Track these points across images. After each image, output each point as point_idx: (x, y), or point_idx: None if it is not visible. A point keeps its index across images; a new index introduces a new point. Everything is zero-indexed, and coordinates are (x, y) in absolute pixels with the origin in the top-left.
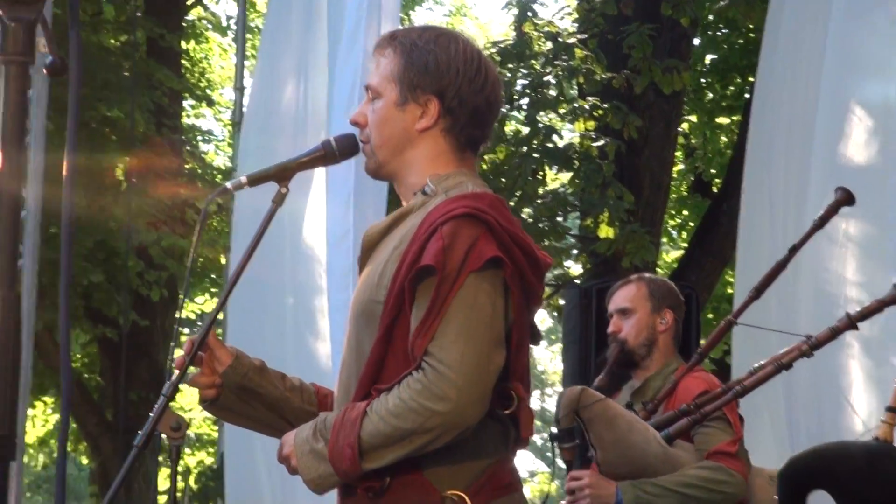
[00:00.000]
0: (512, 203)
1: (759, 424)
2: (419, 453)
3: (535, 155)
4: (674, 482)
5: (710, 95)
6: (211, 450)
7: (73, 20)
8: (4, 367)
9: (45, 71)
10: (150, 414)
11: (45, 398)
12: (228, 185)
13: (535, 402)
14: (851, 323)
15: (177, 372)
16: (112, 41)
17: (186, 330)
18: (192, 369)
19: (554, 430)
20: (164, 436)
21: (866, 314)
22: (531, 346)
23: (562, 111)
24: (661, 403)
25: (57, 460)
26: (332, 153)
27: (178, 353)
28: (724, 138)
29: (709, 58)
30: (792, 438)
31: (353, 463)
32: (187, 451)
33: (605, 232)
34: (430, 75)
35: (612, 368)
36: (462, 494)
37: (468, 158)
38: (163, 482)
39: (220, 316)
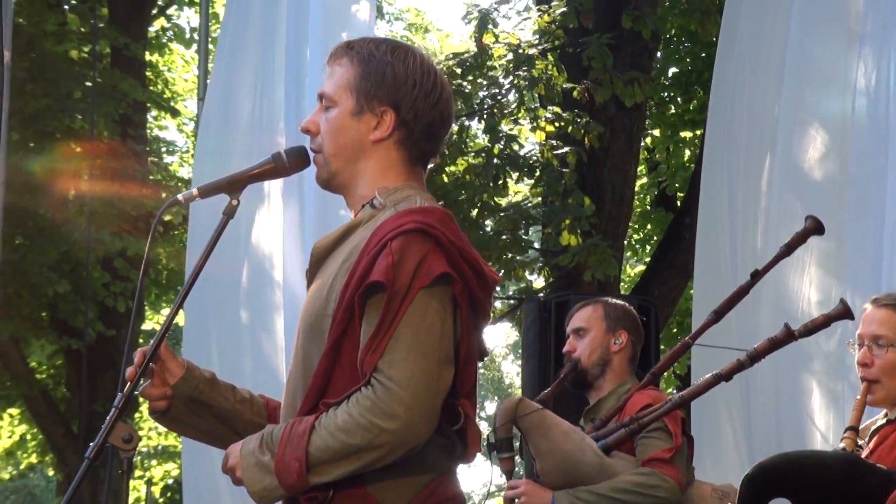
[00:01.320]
0: (473, 215)
1: (721, 440)
2: (368, 469)
3: (497, 162)
4: (607, 487)
5: (673, 109)
6: (178, 461)
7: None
8: None
9: None
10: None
11: (12, 410)
12: (180, 196)
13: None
14: (790, 334)
15: (129, 384)
16: (76, 52)
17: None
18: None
19: (492, 440)
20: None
21: (812, 329)
22: (479, 362)
23: (522, 120)
24: (610, 421)
25: None
26: (283, 165)
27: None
28: (687, 152)
29: (671, 71)
30: (752, 452)
31: (300, 477)
32: (153, 462)
33: (567, 240)
34: (388, 86)
35: (560, 384)
36: None
37: (418, 172)
38: (131, 494)
39: (181, 324)
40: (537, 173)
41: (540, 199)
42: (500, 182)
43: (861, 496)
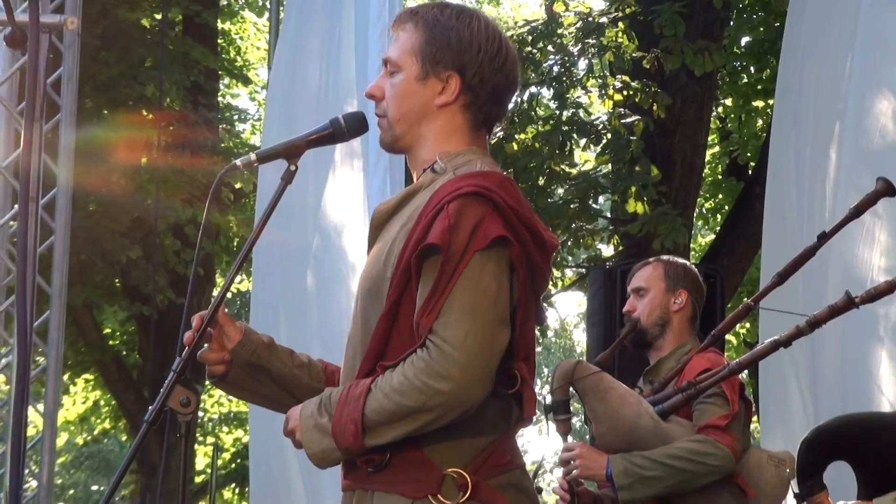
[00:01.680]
0: (541, 183)
1: (789, 407)
2: (422, 432)
3: (565, 128)
4: (661, 454)
5: (746, 78)
6: (247, 428)
7: None
8: None
9: (3, 41)
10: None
11: (86, 376)
12: (238, 162)
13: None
14: (851, 301)
15: (187, 348)
16: (148, 20)
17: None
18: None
19: (548, 401)
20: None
21: (874, 295)
22: (539, 326)
23: (591, 87)
24: (669, 383)
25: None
26: (341, 131)
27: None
28: (759, 121)
29: (744, 40)
30: (819, 419)
31: (356, 439)
32: (224, 430)
33: (634, 207)
34: (453, 51)
35: (620, 345)
36: (462, 472)
37: (481, 137)
38: (201, 461)
39: (249, 289)
40: (605, 140)
41: (609, 167)
42: (567, 150)
43: None
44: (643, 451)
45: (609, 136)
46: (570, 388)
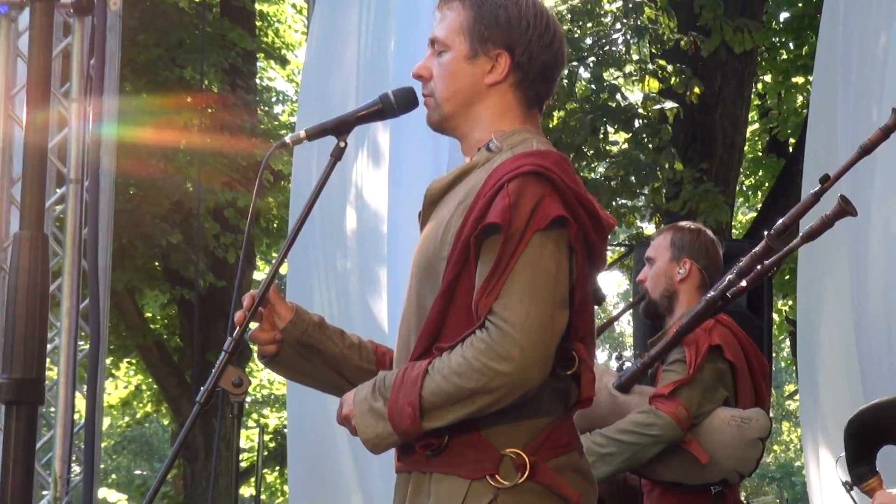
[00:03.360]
0: (584, 161)
1: (829, 386)
2: (481, 414)
3: (598, 112)
4: (613, 429)
5: (785, 55)
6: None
7: None
8: (31, 309)
9: (71, 9)
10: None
11: (129, 359)
12: (287, 139)
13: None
14: (770, 247)
15: (238, 328)
16: (186, 2)
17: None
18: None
19: None
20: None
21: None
22: (596, 306)
23: (627, 70)
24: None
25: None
26: (391, 106)
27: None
28: (799, 98)
29: (783, 16)
30: (867, 397)
31: (414, 422)
32: (266, 412)
33: (651, 199)
34: (501, 29)
35: (618, 318)
36: (521, 453)
37: (534, 115)
38: (244, 443)
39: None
40: (636, 126)
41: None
42: (602, 133)
43: None
44: (603, 427)
45: (640, 121)
46: None
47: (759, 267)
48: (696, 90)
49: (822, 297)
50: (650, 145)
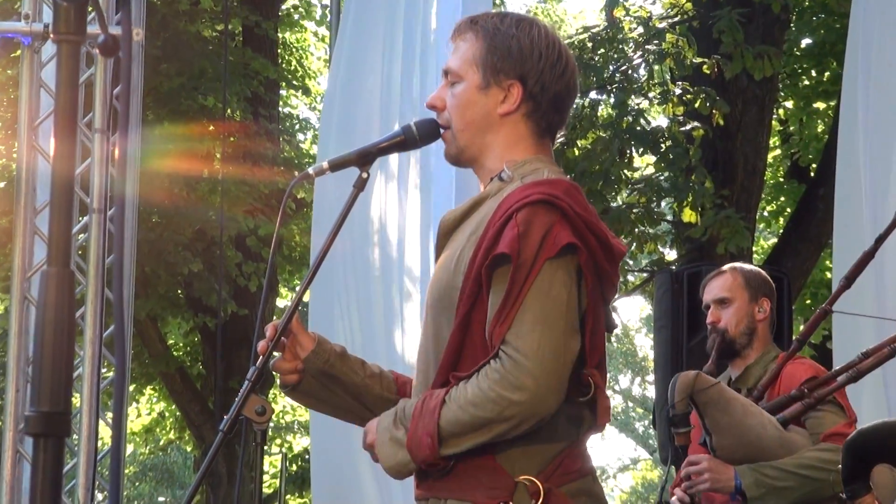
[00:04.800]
0: (599, 187)
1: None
2: (498, 440)
3: (625, 136)
4: (793, 464)
5: (806, 81)
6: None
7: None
8: (59, 344)
9: (97, 50)
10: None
11: (152, 386)
12: (310, 170)
13: (636, 389)
14: None
15: (261, 357)
16: (208, 31)
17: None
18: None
19: (669, 414)
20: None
21: None
22: (608, 333)
23: (651, 95)
24: (766, 390)
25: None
26: (413, 138)
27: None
28: (820, 123)
29: (804, 42)
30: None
31: (432, 451)
32: (289, 438)
33: (689, 216)
34: (514, 60)
35: (717, 355)
36: (535, 480)
37: (546, 144)
38: (266, 468)
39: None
40: (663, 149)
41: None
42: (627, 157)
43: None
44: (768, 461)
45: (668, 143)
46: (690, 400)
47: None
48: (722, 111)
49: (856, 322)
50: (681, 166)
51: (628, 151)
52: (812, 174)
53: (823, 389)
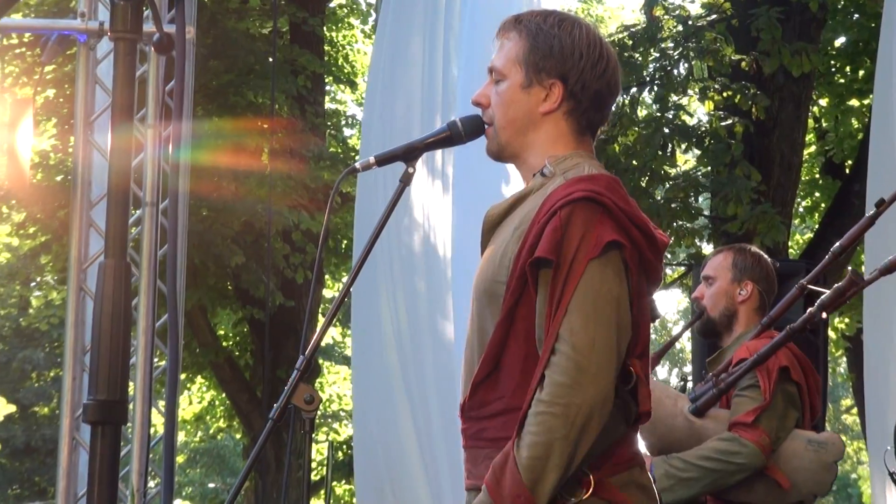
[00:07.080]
0: (643, 183)
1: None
2: (572, 448)
3: (666, 130)
4: (693, 455)
5: (841, 79)
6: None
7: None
8: (116, 334)
9: (151, 47)
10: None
11: (202, 375)
12: (357, 164)
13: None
14: (854, 282)
15: (310, 347)
16: (257, 29)
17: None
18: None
19: None
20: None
21: (883, 271)
22: (653, 322)
23: (691, 91)
24: (720, 374)
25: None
26: (458, 134)
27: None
28: (854, 121)
29: (839, 41)
30: None
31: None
32: (335, 426)
33: (734, 210)
34: (555, 59)
35: (680, 336)
36: (585, 470)
37: (586, 141)
38: (313, 456)
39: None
40: (705, 144)
41: (709, 168)
42: (669, 152)
43: None
44: (680, 451)
45: (709, 139)
46: None
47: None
48: (762, 105)
49: (889, 313)
50: (723, 161)
51: (670, 146)
52: (846, 171)
53: (728, 376)
